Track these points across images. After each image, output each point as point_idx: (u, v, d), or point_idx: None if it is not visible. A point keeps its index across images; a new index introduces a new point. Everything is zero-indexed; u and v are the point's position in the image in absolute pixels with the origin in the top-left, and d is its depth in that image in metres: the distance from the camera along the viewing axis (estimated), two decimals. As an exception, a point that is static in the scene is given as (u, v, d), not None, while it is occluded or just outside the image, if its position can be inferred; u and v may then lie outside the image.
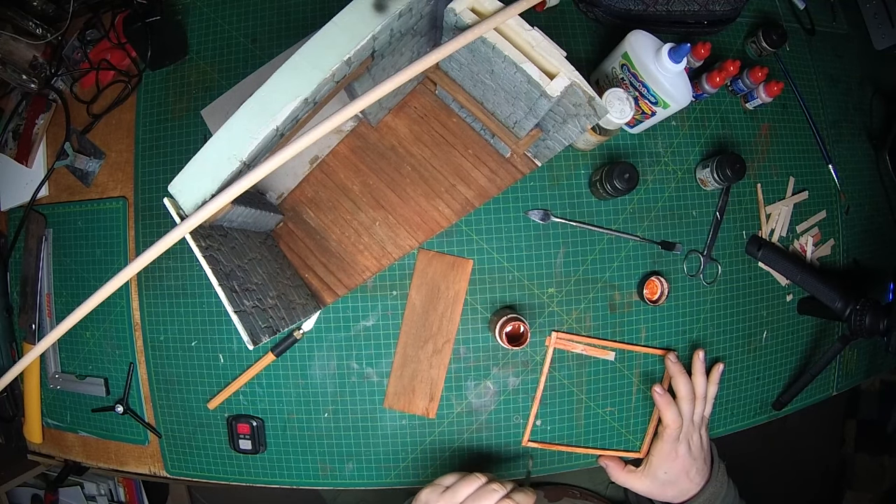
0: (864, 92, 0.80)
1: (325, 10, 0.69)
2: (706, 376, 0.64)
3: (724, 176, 0.63)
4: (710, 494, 0.61)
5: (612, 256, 0.66)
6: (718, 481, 0.62)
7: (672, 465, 0.61)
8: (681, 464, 0.61)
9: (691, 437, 0.62)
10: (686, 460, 0.61)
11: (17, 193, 0.71)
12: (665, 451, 0.61)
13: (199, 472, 0.67)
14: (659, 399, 0.62)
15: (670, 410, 0.61)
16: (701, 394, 0.63)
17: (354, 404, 0.65)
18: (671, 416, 0.61)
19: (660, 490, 0.62)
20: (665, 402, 0.62)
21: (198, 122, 0.68)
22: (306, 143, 0.38)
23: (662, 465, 0.61)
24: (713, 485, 0.62)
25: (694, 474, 0.61)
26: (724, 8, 0.65)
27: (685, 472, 0.61)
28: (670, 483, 0.61)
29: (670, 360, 0.64)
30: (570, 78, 0.42)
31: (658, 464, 0.62)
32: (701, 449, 0.63)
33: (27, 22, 0.69)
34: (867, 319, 0.62)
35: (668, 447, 0.61)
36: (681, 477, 0.61)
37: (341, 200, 0.64)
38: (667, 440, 0.61)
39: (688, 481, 0.61)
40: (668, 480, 0.61)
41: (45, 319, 0.70)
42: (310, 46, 0.41)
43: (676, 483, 0.61)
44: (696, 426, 0.63)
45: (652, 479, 0.62)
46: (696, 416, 0.63)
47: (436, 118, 0.65)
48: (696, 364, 0.64)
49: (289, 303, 0.55)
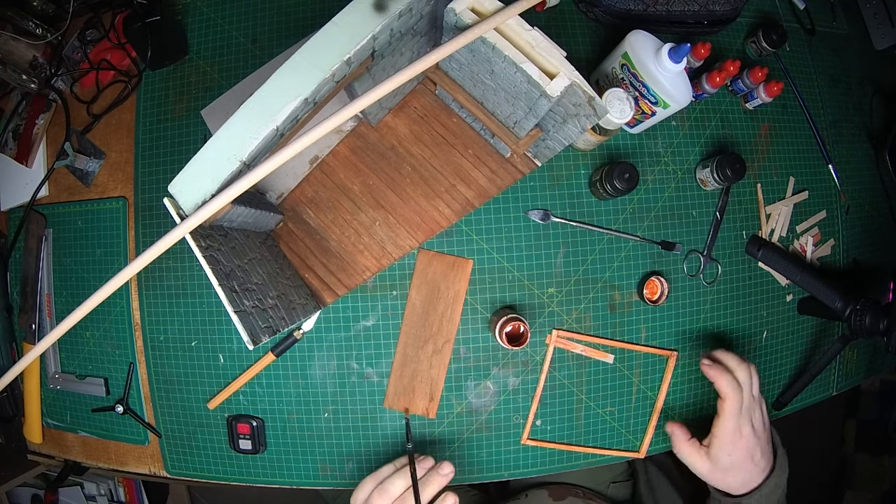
0: (864, 92, 0.80)
1: (325, 10, 0.69)
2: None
3: (724, 176, 0.63)
4: (775, 485, 0.56)
5: (612, 256, 0.66)
6: (782, 470, 0.57)
7: (737, 447, 0.55)
8: (745, 445, 0.55)
9: (754, 412, 0.56)
10: (751, 440, 0.55)
11: (17, 193, 0.71)
12: (729, 429, 0.55)
13: (199, 472, 0.67)
14: (709, 370, 0.56)
15: (725, 379, 0.55)
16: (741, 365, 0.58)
17: (354, 404, 0.65)
18: (728, 386, 0.55)
19: (721, 476, 0.56)
20: (717, 371, 0.56)
21: (198, 122, 0.68)
22: (306, 143, 0.38)
23: (726, 447, 0.55)
24: (777, 474, 0.56)
25: (759, 458, 0.55)
26: (724, 8, 0.65)
27: (750, 456, 0.55)
28: (734, 468, 0.55)
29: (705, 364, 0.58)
30: (570, 78, 0.42)
31: (721, 445, 0.55)
32: (764, 427, 0.57)
33: (27, 22, 0.69)
34: (867, 319, 0.62)
35: (731, 424, 0.55)
36: (745, 461, 0.55)
37: (341, 200, 0.64)
38: (729, 414, 0.55)
39: (753, 465, 0.55)
40: (732, 465, 0.55)
41: (45, 319, 0.70)
42: (310, 46, 0.41)
43: (741, 468, 0.55)
44: (757, 399, 0.57)
45: (714, 463, 0.56)
46: (754, 389, 0.57)
47: (436, 118, 0.65)
48: (717, 354, 0.60)
49: (289, 303, 0.55)
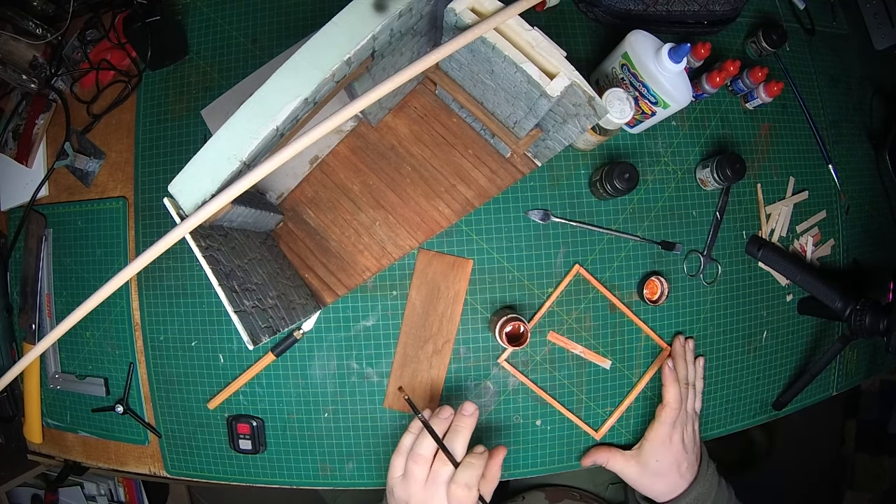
0: (864, 92, 0.80)
1: (325, 10, 0.69)
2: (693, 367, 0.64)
3: (724, 176, 0.63)
4: (699, 494, 0.60)
5: (612, 256, 0.66)
6: (707, 481, 0.61)
7: (665, 454, 0.59)
8: (674, 454, 0.59)
9: (686, 426, 0.61)
10: (679, 451, 0.60)
11: (17, 193, 0.71)
12: (661, 435, 0.60)
13: (199, 472, 0.67)
14: (668, 374, 0.61)
15: (674, 389, 0.60)
16: (690, 381, 0.63)
17: (354, 404, 0.65)
18: (673, 395, 0.60)
19: (649, 480, 0.60)
20: (672, 378, 0.61)
21: (198, 122, 0.68)
22: (306, 143, 0.38)
23: (655, 452, 0.60)
24: (701, 484, 0.60)
25: (685, 469, 0.60)
26: (724, 8, 0.65)
27: (676, 465, 0.59)
28: (660, 475, 0.60)
29: (679, 342, 0.64)
30: (570, 78, 0.42)
31: (651, 449, 0.60)
32: (694, 443, 0.62)
33: (27, 22, 0.69)
34: (867, 319, 0.62)
35: (664, 431, 0.60)
36: (671, 470, 0.59)
37: (341, 200, 0.64)
38: (664, 422, 0.60)
39: (678, 476, 0.60)
40: (658, 471, 0.60)
41: (45, 319, 0.70)
42: (310, 46, 0.41)
43: (666, 476, 0.60)
44: (690, 416, 0.62)
45: (643, 466, 0.60)
46: (689, 405, 0.62)
47: (436, 118, 0.65)
48: (679, 351, 0.64)
49: (289, 303, 0.55)
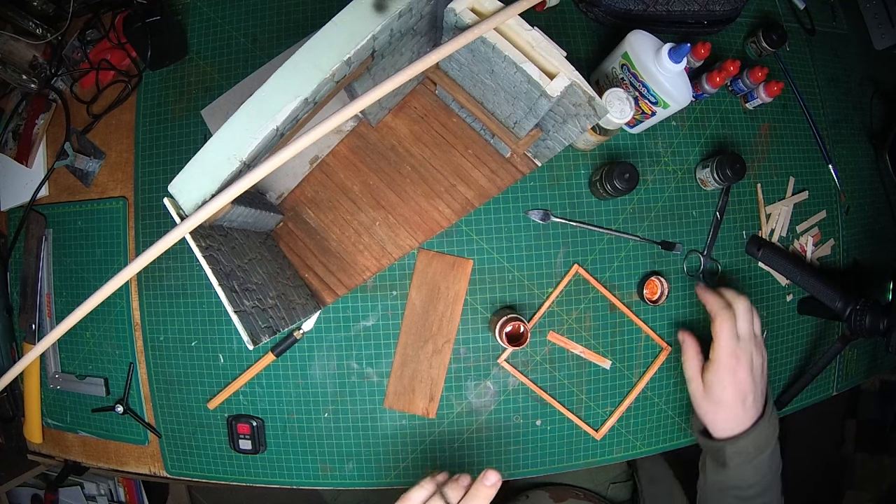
0: (864, 92, 0.80)
1: (325, 10, 0.69)
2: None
3: (724, 176, 0.63)
4: (761, 437, 0.54)
5: (612, 256, 0.66)
6: (772, 424, 0.55)
7: (730, 381, 0.53)
8: (740, 382, 0.53)
9: (754, 352, 0.54)
10: (746, 380, 0.53)
11: (17, 193, 0.71)
12: (724, 353, 0.53)
13: (199, 472, 0.67)
14: (702, 292, 0.56)
15: (714, 299, 0.55)
16: (729, 301, 0.57)
17: (354, 404, 0.65)
18: (717, 305, 0.54)
19: (711, 407, 0.54)
20: (709, 293, 0.55)
21: (198, 122, 0.68)
22: (306, 143, 0.38)
23: (720, 375, 0.53)
24: (765, 425, 0.54)
25: (750, 404, 0.53)
26: (724, 8, 0.65)
27: (742, 397, 0.53)
28: (724, 405, 0.54)
29: (700, 286, 0.58)
30: (570, 78, 0.42)
31: (716, 371, 0.54)
32: (762, 374, 0.55)
33: (27, 22, 0.69)
34: (867, 319, 0.62)
35: (727, 348, 0.53)
36: (736, 401, 0.53)
37: (341, 200, 0.64)
38: (723, 337, 0.53)
39: (742, 410, 0.53)
40: (721, 400, 0.54)
41: (45, 319, 0.70)
42: (310, 46, 0.41)
43: (730, 407, 0.53)
44: (757, 341, 0.56)
45: (708, 390, 0.54)
46: (742, 327, 0.55)
47: (436, 118, 0.65)
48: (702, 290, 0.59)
49: (289, 303, 0.55)
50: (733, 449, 0.53)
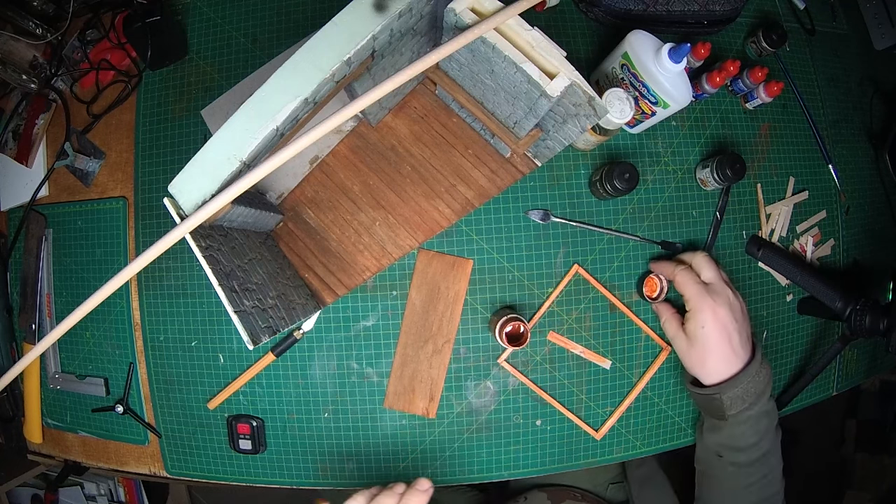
0: (864, 92, 0.80)
1: (325, 10, 0.69)
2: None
3: (724, 176, 0.63)
4: (754, 381, 0.52)
5: (612, 256, 0.66)
6: (764, 368, 0.53)
7: (710, 319, 0.51)
8: (721, 319, 0.51)
9: (729, 294, 0.53)
10: (727, 317, 0.51)
11: (17, 193, 0.71)
12: (695, 295, 0.52)
13: (199, 472, 0.67)
14: (655, 264, 0.57)
15: (670, 265, 0.56)
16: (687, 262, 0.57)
17: (354, 404, 0.65)
18: (669, 265, 0.55)
19: (699, 355, 0.52)
20: (663, 263, 0.56)
21: (198, 122, 0.68)
22: (306, 143, 0.38)
23: (700, 319, 0.52)
24: (756, 367, 0.52)
25: (737, 343, 0.51)
26: (724, 8, 0.65)
27: (727, 335, 0.51)
28: (710, 346, 0.51)
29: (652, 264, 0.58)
30: (570, 78, 0.42)
31: (694, 316, 0.52)
32: (743, 315, 0.53)
33: (27, 22, 0.69)
34: (867, 319, 0.62)
35: (694, 290, 0.52)
36: (721, 340, 0.51)
37: (341, 200, 0.64)
38: (688, 283, 0.52)
39: (729, 349, 0.51)
40: (707, 342, 0.51)
41: (45, 319, 0.70)
42: (310, 46, 0.41)
43: (717, 347, 0.51)
44: (726, 283, 0.54)
45: (691, 339, 0.53)
46: (709, 275, 0.54)
47: (436, 118, 0.65)
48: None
49: (289, 303, 0.55)
50: (728, 395, 0.52)
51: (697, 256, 0.57)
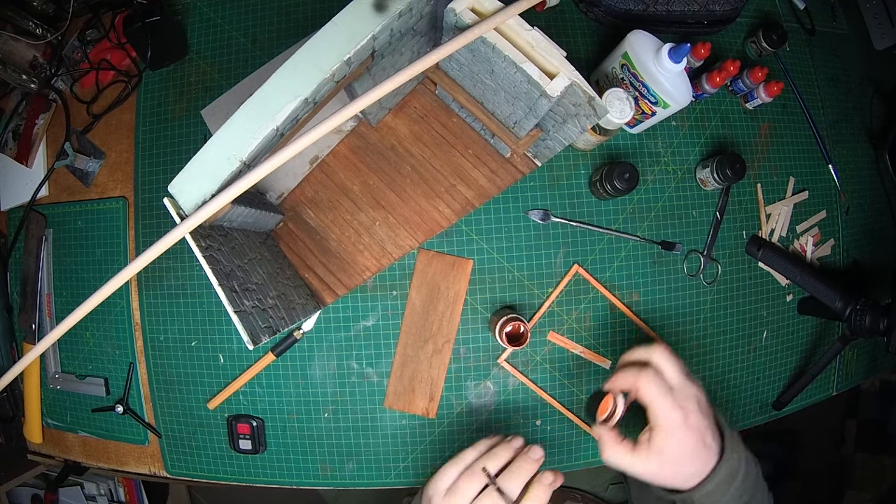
0: (864, 92, 0.80)
1: (325, 10, 0.69)
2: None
3: (724, 176, 0.63)
4: (730, 469, 0.48)
5: (612, 256, 0.66)
6: (736, 451, 0.49)
7: (684, 433, 0.47)
8: (694, 428, 0.47)
9: (694, 391, 0.49)
10: (700, 422, 0.48)
11: (17, 193, 0.71)
12: (666, 408, 0.47)
13: (199, 472, 0.67)
14: (610, 382, 0.50)
15: (628, 372, 0.49)
16: (643, 361, 0.51)
17: (354, 404, 0.65)
18: (630, 373, 0.49)
19: (674, 470, 0.48)
20: (618, 374, 0.49)
21: (198, 122, 0.68)
22: (306, 143, 0.38)
23: (675, 433, 0.47)
24: (730, 454, 0.48)
25: (710, 440, 0.48)
26: (724, 8, 0.65)
27: (702, 438, 0.48)
28: (686, 457, 0.48)
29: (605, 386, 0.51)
30: (570, 78, 0.42)
31: (667, 432, 0.47)
32: (708, 407, 0.50)
33: (27, 22, 0.69)
34: (867, 319, 0.62)
35: (667, 403, 0.47)
36: (698, 446, 0.48)
37: (341, 200, 0.64)
38: (659, 396, 0.48)
39: (704, 448, 0.48)
40: (684, 453, 0.48)
41: (45, 319, 0.70)
42: (310, 46, 0.41)
43: (696, 454, 0.48)
44: (689, 380, 0.50)
45: (662, 456, 0.48)
46: (671, 377, 0.50)
47: (436, 118, 0.65)
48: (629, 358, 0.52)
49: (289, 303, 0.55)
50: (701, 493, 0.48)
51: (655, 354, 0.51)
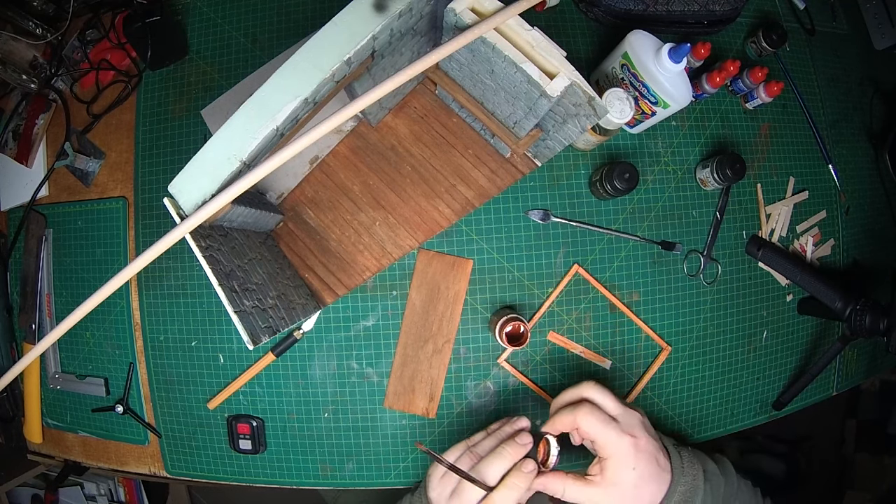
0: (864, 92, 0.80)
1: (325, 10, 0.69)
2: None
3: (724, 176, 0.63)
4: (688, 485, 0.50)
5: (612, 256, 0.66)
6: (688, 465, 0.51)
7: (636, 456, 0.48)
8: (645, 451, 0.49)
9: (638, 417, 0.51)
10: (649, 444, 0.49)
11: (17, 193, 0.71)
12: (613, 438, 0.48)
13: (199, 472, 0.67)
14: (548, 425, 0.51)
15: (564, 413, 0.50)
16: (577, 398, 0.52)
17: (354, 404, 0.65)
18: (571, 412, 0.49)
19: (633, 495, 0.49)
20: (555, 417, 0.50)
21: (198, 122, 0.68)
22: (306, 143, 0.38)
23: (628, 460, 0.48)
24: (682, 468, 0.50)
25: (663, 460, 0.50)
26: (724, 8, 0.65)
27: (655, 460, 0.49)
28: (644, 480, 0.49)
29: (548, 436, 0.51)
30: (570, 78, 0.42)
31: (620, 461, 0.48)
32: (652, 428, 0.52)
33: (27, 22, 0.69)
34: (867, 319, 0.62)
35: (614, 433, 0.48)
36: (653, 468, 0.49)
37: (341, 200, 0.64)
38: (606, 428, 0.48)
39: (661, 471, 0.49)
40: (640, 477, 0.48)
41: (45, 319, 0.70)
42: (310, 46, 0.41)
43: (652, 477, 0.49)
44: (629, 406, 0.52)
45: (618, 484, 0.48)
46: (611, 408, 0.51)
47: (436, 118, 0.65)
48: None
49: (289, 303, 0.55)
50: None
51: (586, 390, 0.52)
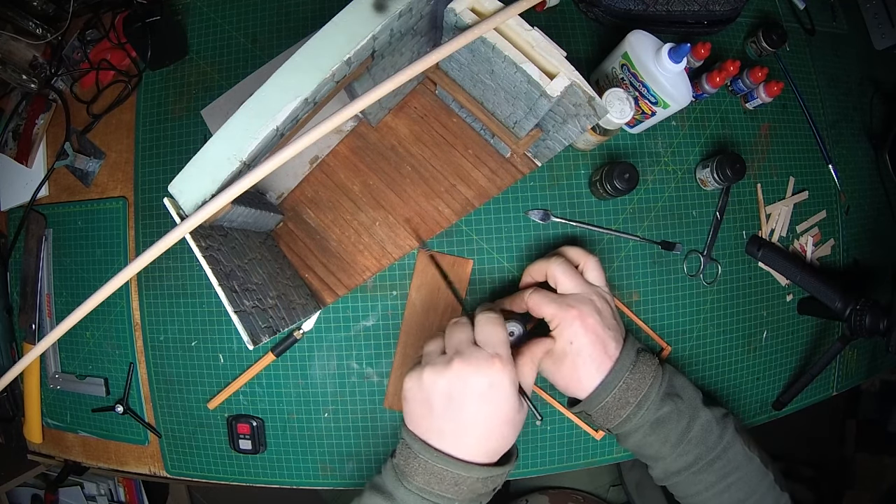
0: (864, 92, 0.80)
1: (325, 10, 0.69)
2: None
3: (724, 176, 0.63)
4: (632, 380, 0.45)
5: (612, 256, 0.66)
6: (643, 365, 0.46)
7: (582, 333, 0.45)
8: (592, 330, 0.45)
9: (593, 299, 0.46)
10: (599, 327, 0.45)
11: (17, 193, 0.71)
12: (559, 312, 0.45)
13: (199, 472, 0.67)
14: (510, 301, 0.48)
15: (521, 296, 0.48)
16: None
17: (354, 404, 0.65)
18: (527, 294, 0.47)
19: (569, 371, 0.45)
20: (517, 296, 0.48)
21: (198, 122, 0.68)
22: (306, 143, 0.38)
23: (565, 332, 0.45)
24: (626, 365, 0.45)
25: (612, 347, 0.46)
26: (724, 8, 0.65)
27: (601, 345, 0.45)
28: (582, 359, 0.45)
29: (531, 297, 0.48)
30: (570, 78, 0.42)
31: (561, 330, 0.45)
32: (615, 318, 0.47)
33: (27, 22, 0.69)
34: (867, 319, 0.62)
35: (557, 315, 0.45)
36: (596, 350, 0.45)
37: (341, 200, 0.64)
38: (547, 308, 0.45)
39: (603, 354, 0.45)
40: (577, 355, 0.45)
41: (45, 319, 0.70)
42: (310, 46, 0.41)
43: (589, 358, 0.45)
44: (592, 289, 0.48)
45: (559, 356, 0.45)
46: (589, 277, 0.48)
47: (436, 118, 0.65)
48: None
49: (289, 303, 0.55)
50: (597, 408, 0.45)
51: (552, 266, 0.50)
